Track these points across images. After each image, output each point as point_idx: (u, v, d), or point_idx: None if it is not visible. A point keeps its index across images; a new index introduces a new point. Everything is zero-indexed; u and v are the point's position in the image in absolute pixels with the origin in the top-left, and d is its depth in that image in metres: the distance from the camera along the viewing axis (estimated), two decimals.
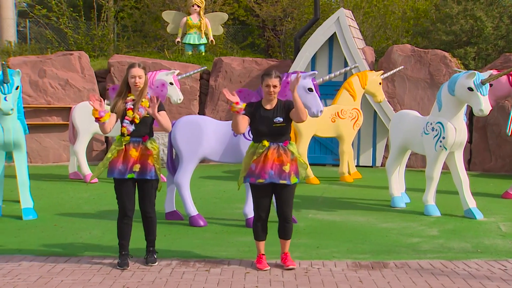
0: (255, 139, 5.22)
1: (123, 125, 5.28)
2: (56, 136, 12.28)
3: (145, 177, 5.24)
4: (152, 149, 5.28)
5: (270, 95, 5.16)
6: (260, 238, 5.33)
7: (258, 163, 5.10)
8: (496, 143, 11.52)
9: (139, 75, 5.26)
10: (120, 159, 5.23)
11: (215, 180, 10.03)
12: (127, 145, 5.26)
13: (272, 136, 5.13)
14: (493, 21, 13.09)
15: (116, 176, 5.25)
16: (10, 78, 6.77)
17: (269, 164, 5.07)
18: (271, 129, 5.13)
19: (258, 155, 5.12)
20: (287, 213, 5.23)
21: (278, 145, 5.14)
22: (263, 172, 5.07)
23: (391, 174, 8.05)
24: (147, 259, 5.39)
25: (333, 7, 16.30)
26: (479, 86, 6.88)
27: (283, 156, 5.10)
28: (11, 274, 5.10)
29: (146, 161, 5.25)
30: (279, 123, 5.13)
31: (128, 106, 5.29)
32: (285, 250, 5.34)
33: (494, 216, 7.45)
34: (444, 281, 4.93)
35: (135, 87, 5.28)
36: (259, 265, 5.30)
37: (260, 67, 12.73)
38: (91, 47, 15.30)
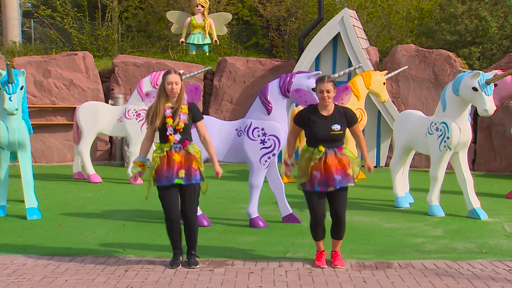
0: (310, 143, 5.21)
1: (168, 134, 5.26)
2: (61, 136, 12.30)
3: (191, 182, 5.25)
4: (195, 153, 5.31)
5: (325, 100, 5.15)
6: (320, 238, 5.36)
7: (320, 170, 5.11)
8: (501, 143, 11.49)
9: (175, 81, 5.25)
10: (164, 166, 5.23)
11: (218, 180, 9.99)
12: (169, 151, 5.26)
13: (328, 142, 5.14)
14: (497, 21, 13.05)
15: (164, 184, 5.24)
16: (15, 78, 6.79)
17: (334, 170, 5.09)
18: (328, 136, 5.13)
19: (315, 160, 5.12)
20: (341, 214, 5.25)
21: (335, 151, 5.15)
22: (330, 180, 5.09)
23: (395, 174, 8.04)
24: (189, 261, 5.34)
25: (337, 7, 16.30)
26: (483, 86, 6.87)
27: (342, 161, 5.14)
28: (15, 273, 5.11)
29: (190, 166, 5.26)
30: (337, 131, 5.13)
31: (167, 114, 5.28)
32: (336, 249, 5.37)
33: (498, 217, 7.44)
34: (448, 282, 4.92)
35: (172, 94, 5.27)
36: (318, 262, 5.32)
37: (264, 67, 12.73)
38: (96, 47, 15.33)
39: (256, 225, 6.81)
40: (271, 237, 6.37)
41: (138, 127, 9.77)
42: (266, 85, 6.84)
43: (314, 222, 5.29)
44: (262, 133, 6.71)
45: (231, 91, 12.63)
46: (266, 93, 6.74)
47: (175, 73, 5.30)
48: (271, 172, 6.93)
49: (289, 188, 7.84)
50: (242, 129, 6.80)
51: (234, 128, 6.87)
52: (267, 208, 7.64)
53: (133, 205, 7.99)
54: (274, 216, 7.23)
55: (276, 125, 6.72)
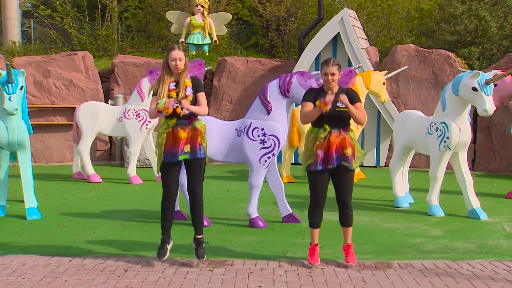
0: (316, 124, 5.20)
1: (175, 106, 5.16)
2: (60, 136, 12.31)
3: (196, 156, 5.23)
4: (201, 128, 5.27)
5: (329, 83, 5.16)
6: (316, 225, 5.34)
7: (323, 148, 5.11)
8: (501, 143, 11.49)
9: (179, 57, 5.23)
10: (170, 142, 5.21)
11: (218, 180, 10.04)
12: (174, 127, 5.23)
13: (334, 121, 5.13)
14: (497, 21, 13.05)
15: (167, 160, 5.23)
16: (14, 78, 6.79)
17: (333, 149, 5.10)
18: (334, 113, 5.11)
19: (320, 140, 5.12)
20: (347, 199, 5.23)
21: (340, 130, 5.14)
22: (329, 158, 5.10)
23: (395, 174, 8.04)
24: (196, 252, 5.34)
25: (337, 7, 16.30)
26: (483, 86, 6.87)
27: (345, 140, 5.12)
28: (15, 273, 5.11)
29: (195, 141, 5.24)
30: (342, 107, 5.11)
31: (170, 87, 5.24)
32: (348, 241, 5.34)
33: (498, 217, 7.44)
34: (448, 282, 4.93)
35: (176, 70, 5.24)
36: (311, 258, 5.30)
37: (264, 67, 12.74)
38: (95, 47, 15.33)
39: (255, 225, 6.82)
40: (270, 237, 6.37)
41: (138, 127, 9.77)
42: (266, 85, 6.84)
43: (312, 204, 5.30)
44: (262, 133, 6.71)
45: (230, 91, 12.63)
46: (266, 93, 6.75)
47: (179, 49, 5.28)
48: (271, 172, 6.93)
49: (289, 188, 7.86)
50: (242, 129, 6.80)
51: (234, 128, 6.87)
52: (267, 208, 7.65)
53: (132, 205, 7.99)
54: (274, 216, 7.23)
55: (276, 125, 6.72)
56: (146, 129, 9.81)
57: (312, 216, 5.34)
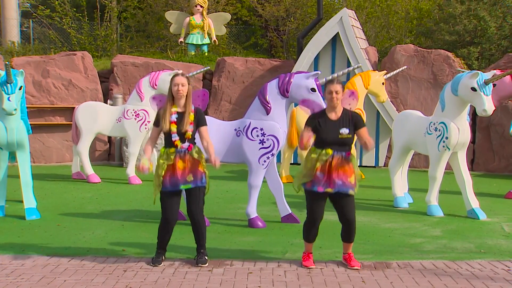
0: (318, 146, 5.20)
1: (175, 140, 5.27)
2: (59, 136, 12.30)
3: (197, 185, 5.31)
4: (199, 158, 5.33)
5: (333, 101, 5.15)
6: (311, 240, 5.36)
7: (324, 171, 5.10)
8: (500, 143, 11.50)
9: (181, 83, 5.29)
10: (169, 172, 5.27)
11: (217, 180, 10.04)
12: (174, 157, 5.29)
13: (336, 146, 5.13)
14: (496, 21, 13.06)
15: (170, 189, 5.28)
16: (13, 78, 6.79)
17: (335, 174, 5.09)
18: (337, 140, 5.13)
19: (322, 162, 5.11)
20: (351, 218, 5.22)
21: (342, 155, 5.13)
22: (331, 182, 5.09)
23: (394, 174, 8.04)
24: (197, 260, 5.38)
25: (336, 7, 16.30)
26: (482, 86, 6.87)
27: (346, 167, 5.12)
28: (14, 273, 5.11)
29: (197, 169, 5.30)
30: (345, 134, 5.13)
31: (172, 119, 5.31)
32: (348, 251, 5.36)
33: (497, 217, 7.44)
34: (447, 282, 4.93)
35: (178, 95, 5.30)
36: (306, 262, 5.31)
37: (263, 67, 12.74)
38: (94, 47, 15.33)
39: (255, 225, 6.81)
40: (270, 237, 6.37)
41: (137, 127, 9.77)
42: (265, 85, 6.84)
43: (309, 222, 5.29)
44: (261, 133, 6.71)
45: (230, 91, 12.63)
46: (265, 93, 6.75)
47: (182, 75, 5.37)
48: (270, 172, 6.93)
49: (288, 188, 7.84)
50: (241, 129, 6.80)
51: (233, 128, 6.87)
52: (266, 208, 7.65)
53: (132, 205, 7.98)
54: (273, 216, 7.23)
55: (275, 125, 6.72)
56: (145, 129, 9.81)
57: (307, 232, 5.34)
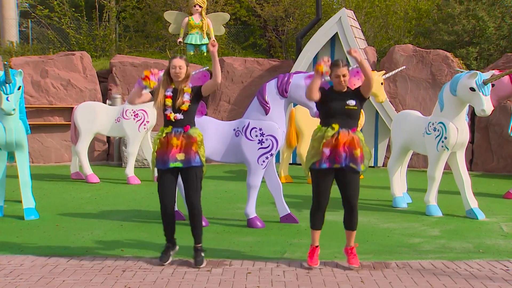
0: (324, 122, 5.17)
1: (168, 113, 5.24)
2: (58, 136, 12.29)
3: (191, 165, 5.22)
4: (197, 136, 5.27)
5: (341, 85, 5.14)
6: (317, 227, 5.28)
7: (330, 146, 5.05)
8: (498, 143, 11.51)
9: (179, 65, 5.26)
10: (163, 149, 5.23)
11: (216, 180, 10.03)
12: (169, 134, 5.24)
13: (342, 119, 5.09)
14: (495, 21, 13.07)
15: (159, 167, 5.25)
16: (12, 78, 6.78)
17: (342, 148, 5.04)
18: (343, 111, 5.09)
19: (327, 138, 5.06)
20: (354, 201, 5.18)
21: (348, 130, 5.10)
22: (337, 156, 5.03)
23: (393, 174, 8.04)
24: (195, 260, 5.34)
25: (335, 7, 16.30)
26: (481, 86, 6.88)
27: (354, 140, 5.07)
28: (13, 274, 5.11)
29: (190, 149, 5.23)
30: (352, 105, 5.10)
31: (167, 93, 5.28)
32: (351, 244, 5.29)
33: (496, 217, 7.45)
34: (445, 282, 4.93)
35: (176, 77, 5.27)
36: (310, 259, 5.25)
37: (262, 67, 12.74)
38: (93, 47, 15.32)
39: (254, 225, 6.81)
40: (269, 237, 6.37)
41: (136, 127, 9.77)
42: (264, 85, 6.84)
43: (314, 205, 5.23)
44: (260, 133, 6.71)
45: (229, 91, 12.63)
46: (264, 93, 6.75)
47: (181, 58, 5.31)
48: (269, 172, 6.93)
49: (287, 188, 7.86)
50: (240, 129, 6.80)
51: (232, 128, 6.87)
52: (265, 208, 7.65)
53: (130, 205, 7.98)
54: (272, 216, 7.23)
55: (274, 125, 6.72)
56: (144, 129, 9.81)
57: (313, 217, 5.28)
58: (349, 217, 5.26)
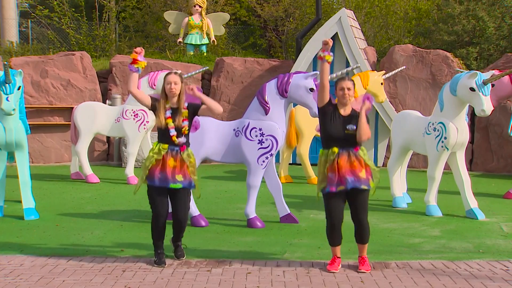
0: (325, 145, 5.21)
1: (172, 135, 5.28)
2: (58, 136, 12.29)
3: (186, 187, 5.31)
4: (189, 162, 5.32)
5: (345, 98, 5.15)
6: (337, 244, 5.30)
7: (333, 171, 5.11)
8: (498, 143, 11.50)
9: (174, 81, 5.30)
10: (159, 167, 5.26)
11: (216, 180, 10.03)
12: (165, 154, 5.28)
13: (342, 142, 5.13)
14: (495, 21, 13.07)
15: (157, 184, 5.26)
16: (12, 78, 6.78)
17: (345, 171, 5.08)
18: (342, 135, 5.13)
19: (330, 162, 5.12)
20: (363, 219, 5.23)
21: (349, 151, 5.12)
22: (342, 179, 5.08)
23: (393, 174, 8.04)
24: (176, 253, 5.48)
25: (334, 7, 16.30)
26: (481, 86, 6.88)
27: (355, 162, 5.11)
28: (13, 274, 5.10)
29: (185, 171, 5.30)
30: (351, 130, 5.13)
31: (167, 115, 5.31)
32: (362, 254, 5.31)
33: (496, 217, 7.45)
34: (445, 282, 4.93)
35: (171, 93, 5.30)
36: (330, 266, 5.25)
37: (261, 67, 12.74)
38: (93, 47, 15.32)
39: (253, 225, 6.81)
40: (268, 237, 6.37)
41: (136, 127, 9.77)
42: (264, 85, 6.84)
43: (329, 226, 5.27)
44: (259, 133, 6.71)
45: (228, 91, 12.63)
46: (264, 93, 6.75)
47: (175, 74, 5.36)
48: (268, 172, 6.93)
49: (287, 188, 7.85)
50: (240, 129, 6.80)
51: (232, 129, 6.87)
52: (265, 208, 7.65)
53: (130, 205, 7.98)
54: (272, 217, 7.23)
55: (274, 125, 6.72)
56: (144, 129, 9.81)
57: (331, 237, 5.30)
58: (359, 232, 5.28)
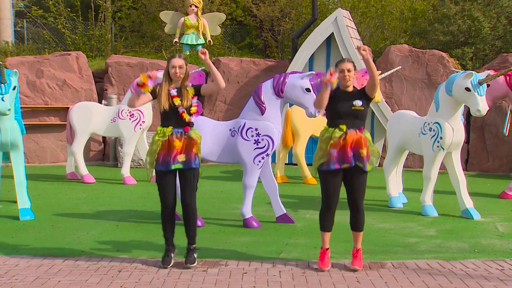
0: (331, 123, 5.18)
1: (182, 112, 5.19)
2: (54, 136, 12.27)
3: (191, 166, 5.22)
4: (196, 138, 5.26)
5: (346, 79, 5.15)
6: (327, 229, 5.27)
7: (338, 147, 5.06)
8: (494, 143, 11.53)
9: (179, 65, 5.24)
10: (164, 150, 5.20)
11: (212, 180, 10.03)
12: (170, 136, 5.21)
13: (350, 120, 5.10)
14: (490, 21, 13.10)
15: (160, 168, 5.21)
16: (7, 78, 6.76)
17: (350, 148, 5.05)
18: (350, 111, 5.10)
19: (334, 139, 5.07)
20: (359, 202, 5.19)
21: (356, 130, 5.10)
22: (346, 156, 5.04)
23: (389, 174, 8.06)
24: (187, 259, 5.31)
25: (330, 7, 16.31)
26: (476, 87, 6.90)
27: (361, 139, 5.08)
28: (8, 274, 5.09)
29: (190, 150, 5.22)
30: (358, 106, 5.11)
31: (172, 93, 5.22)
32: (357, 246, 5.27)
33: (491, 216, 7.46)
34: (441, 281, 4.94)
35: (176, 77, 5.24)
36: (321, 262, 5.23)
37: (258, 67, 12.74)
38: (89, 47, 15.29)
39: (249, 225, 6.81)
40: (264, 238, 6.38)
41: (132, 127, 9.76)
42: (260, 85, 6.84)
43: (324, 206, 5.24)
44: (255, 133, 6.71)
45: (224, 91, 12.63)
46: (260, 93, 6.75)
47: (180, 57, 5.28)
48: (265, 173, 6.93)
49: (283, 188, 7.86)
50: (236, 129, 6.80)
51: (228, 128, 6.87)
52: (261, 208, 7.65)
53: (126, 206, 7.96)
54: (268, 217, 7.23)
55: (270, 125, 6.72)
56: (140, 129, 9.80)
57: (323, 219, 5.28)
58: (355, 217, 5.27)
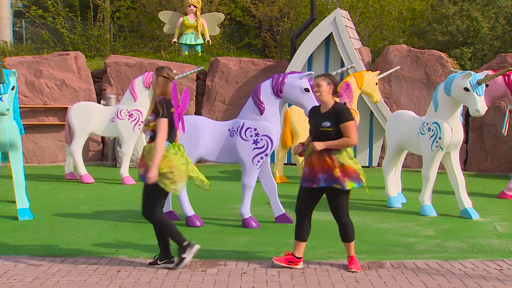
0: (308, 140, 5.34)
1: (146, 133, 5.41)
2: (52, 136, 12.26)
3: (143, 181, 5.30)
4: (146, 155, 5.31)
5: (315, 95, 5.31)
6: (299, 238, 5.29)
7: (309, 166, 5.18)
8: (492, 143, 11.54)
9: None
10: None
11: (211, 180, 9.93)
12: None
13: (318, 139, 5.16)
14: (489, 21, 13.12)
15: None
16: (6, 78, 6.76)
17: (318, 168, 5.11)
18: (318, 133, 5.18)
19: (306, 157, 5.23)
20: (342, 218, 5.23)
21: (322, 152, 5.12)
22: (315, 177, 5.12)
23: (388, 174, 8.06)
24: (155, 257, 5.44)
25: (329, 7, 16.33)
26: (475, 87, 6.90)
27: (328, 162, 5.09)
28: (6, 274, 5.09)
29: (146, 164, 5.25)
30: (326, 127, 5.15)
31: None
32: (350, 254, 5.31)
33: (490, 216, 7.47)
34: (440, 281, 4.94)
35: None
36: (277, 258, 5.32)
37: (256, 67, 12.74)
38: (88, 47, 15.29)
39: (248, 225, 6.81)
40: (263, 238, 6.38)
41: (131, 127, 9.75)
42: (259, 85, 6.84)
43: (296, 219, 5.33)
44: (254, 133, 6.71)
45: (223, 91, 12.63)
46: (259, 93, 6.75)
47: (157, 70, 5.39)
48: (263, 172, 6.93)
49: (282, 188, 7.85)
50: (235, 129, 6.80)
51: (227, 129, 6.87)
52: (260, 208, 7.65)
53: (125, 206, 7.96)
54: (267, 216, 7.24)
55: (269, 125, 6.72)
56: (139, 129, 9.79)
57: (295, 230, 5.34)
58: (342, 230, 5.29)
